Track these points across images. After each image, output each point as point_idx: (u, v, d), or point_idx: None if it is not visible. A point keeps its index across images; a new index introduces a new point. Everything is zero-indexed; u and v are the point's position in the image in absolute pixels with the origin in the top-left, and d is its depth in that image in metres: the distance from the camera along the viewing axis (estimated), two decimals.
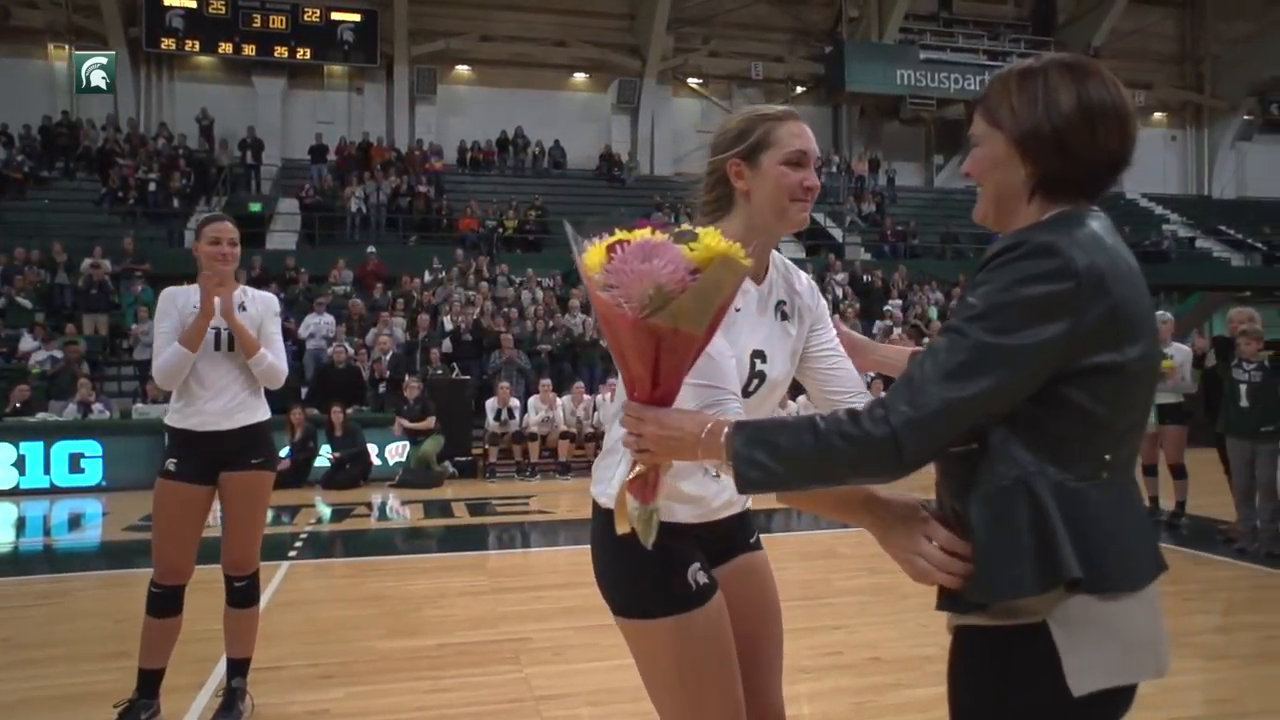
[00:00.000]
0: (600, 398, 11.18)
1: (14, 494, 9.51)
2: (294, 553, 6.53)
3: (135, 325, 12.25)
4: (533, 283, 14.79)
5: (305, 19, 19.55)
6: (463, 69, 21.17)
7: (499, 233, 17.17)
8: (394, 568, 6.24)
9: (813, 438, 1.17)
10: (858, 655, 4.03)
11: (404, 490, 9.73)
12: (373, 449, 10.47)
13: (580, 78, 21.83)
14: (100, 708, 3.23)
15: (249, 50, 19.44)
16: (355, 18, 19.83)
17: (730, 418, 1.31)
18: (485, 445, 10.99)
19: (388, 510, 8.81)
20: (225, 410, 3.13)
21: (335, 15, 19.73)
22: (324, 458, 10.23)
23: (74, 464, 9.83)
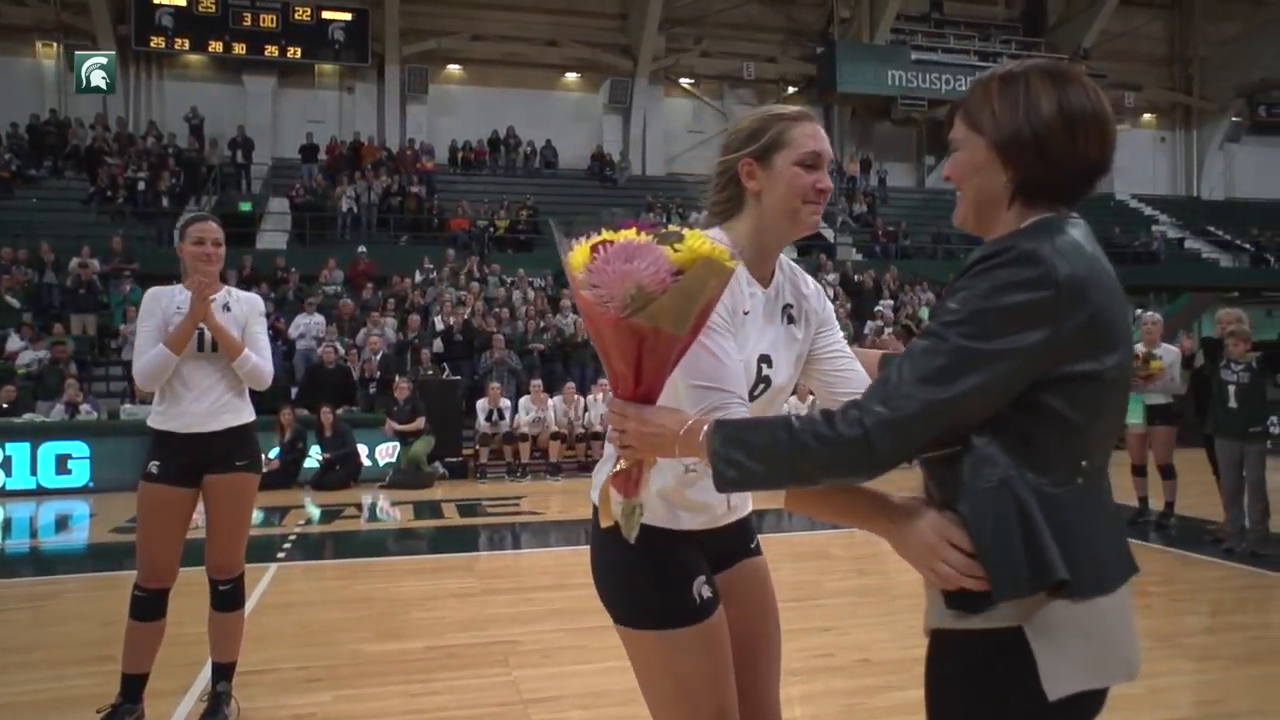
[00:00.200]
0: (591, 398, 11.16)
1: (0, 495, 9.43)
2: (282, 554, 6.49)
3: (124, 325, 12.18)
4: (524, 283, 14.76)
5: (296, 18, 19.46)
6: (454, 68, 21.12)
7: (490, 233, 17.13)
8: (383, 569, 6.21)
9: (788, 437, 1.18)
10: (848, 657, 4.03)
11: (394, 491, 9.69)
12: (363, 449, 10.43)
13: (572, 77, 21.81)
14: (84, 712, 3.20)
15: (239, 49, 19.34)
16: (346, 17, 19.75)
17: (710, 416, 1.31)
18: (476, 446, 10.95)
19: (377, 511, 8.77)
20: (209, 412, 3.10)
21: (326, 14, 19.64)
22: (314, 458, 10.19)
23: (61, 465, 9.76)
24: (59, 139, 17.66)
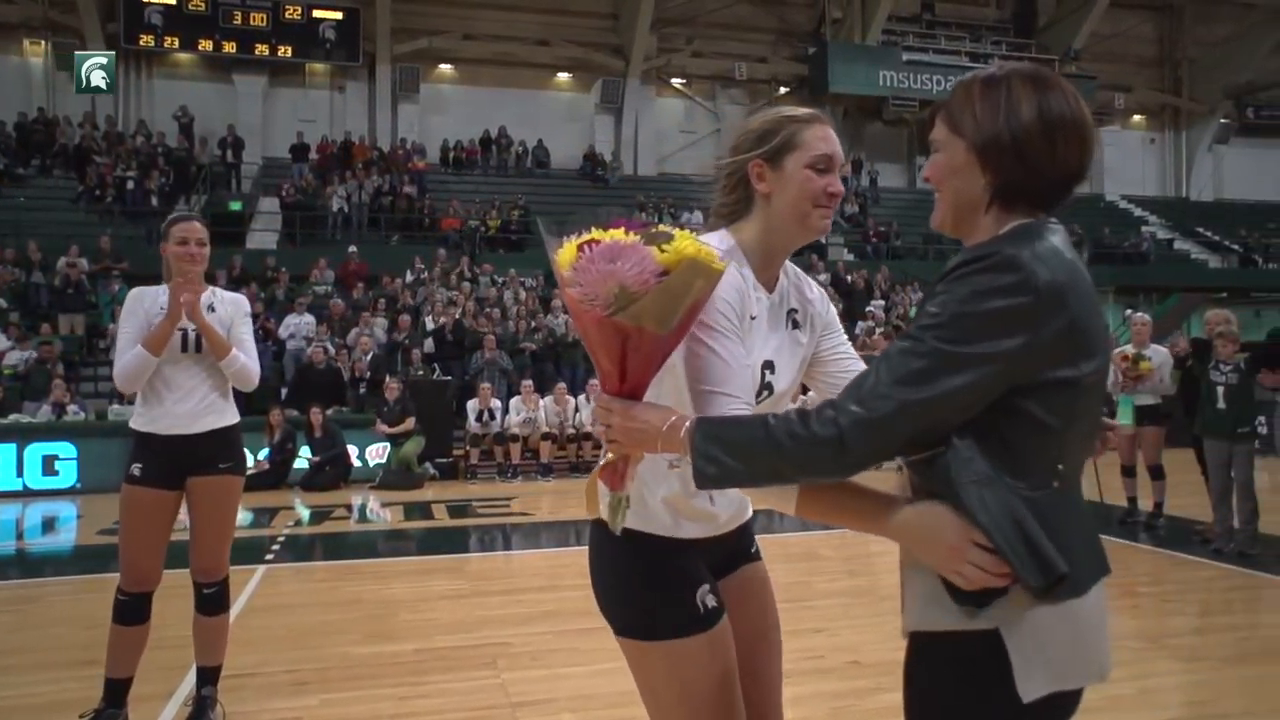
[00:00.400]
0: (583, 398, 11.14)
1: None
2: (271, 556, 6.45)
3: (112, 325, 12.06)
4: (515, 283, 14.73)
5: (286, 17, 19.36)
6: (445, 68, 21.06)
7: (481, 232, 17.09)
8: (373, 571, 6.18)
9: (764, 435, 1.19)
10: (838, 659, 4.02)
11: (384, 492, 9.65)
12: (353, 450, 10.39)
13: (564, 77, 21.78)
14: (68, 717, 3.17)
15: (229, 48, 19.24)
16: (337, 16, 19.67)
17: (692, 414, 1.32)
18: (466, 446, 10.93)
19: (367, 512, 8.74)
20: (193, 413, 3.06)
21: (317, 13, 19.55)
22: (303, 459, 10.14)
23: (48, 466, 9.69)
24: (47, 137, 17.53)
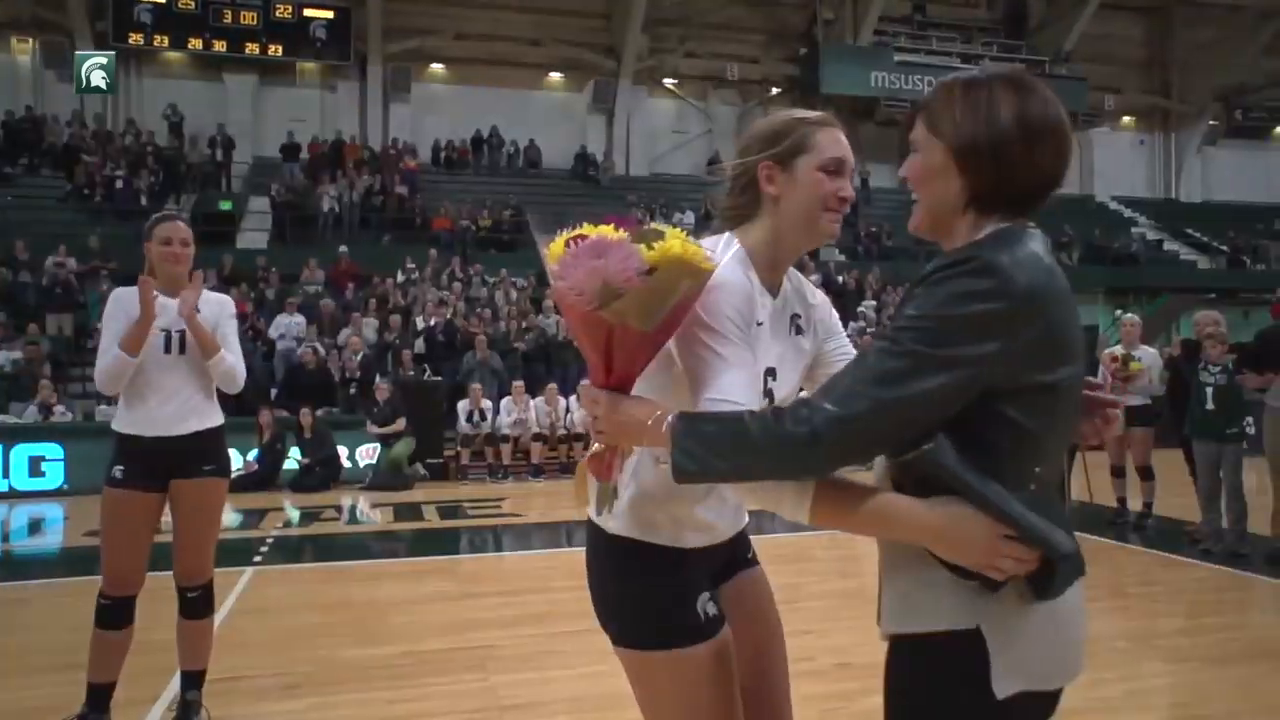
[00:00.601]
0: (574, 399, 11.12)
1: None
2: (259, 558, 6.41)
3: (100, 325, 12.00)
4: (506, 283, 14.70)
5: (277, 15, 19.26)
6: (437, 67, 21.00)
7: (473, 233, 17.05)
8: (362, 573, 6.15)
9: (741, 431, 1.20)
10: (828, 661, 4.01)
11: (374, 493, 9.61)
12: (343, 451, 10.34)
13: (556, 77, 21.74)
14: None
15: (219, 46, 19.13)
16: (328, 14, 19.58)
17: (676, 408, 1.34)
18: (457, 447, 10.89)
19: (358, 514, 8.70)
20: (176, 415, 3.02)
21: (308, 12, 19.45)
22: (293, 460, 10.09)
23: (34, 467, 9.62)
24: (35, 135, 17.42)
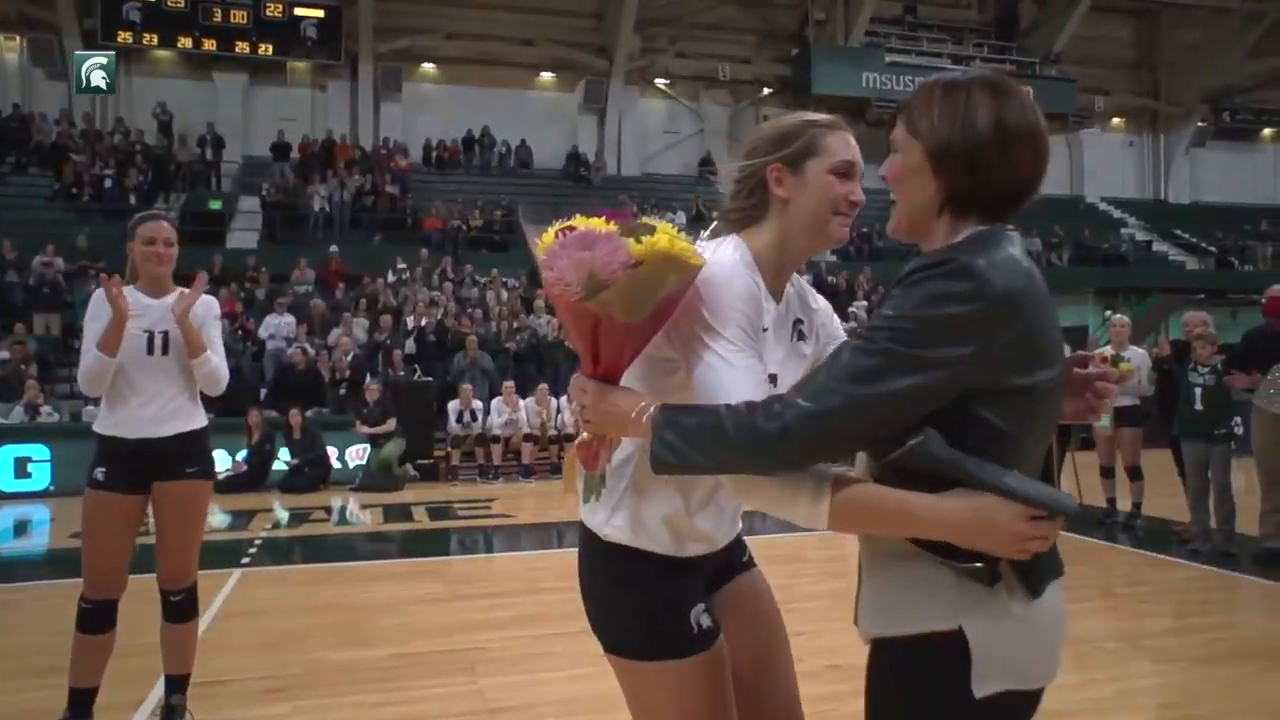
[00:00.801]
0: (564, 399, 11.09)
1: None
2: (247, 559, 6.38)
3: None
4: (497, 283, 14.66)
5: (267, 14, 19.17)
6: (428, 67, 20.94)
7: (464, 233, 17.01)
8: (351, 574, 6.11)
9: (717, 425, 1.21)
10: (817, 662, 4.00)
11: (364, 494, 9.57)
12: (333, 452, 10.29)
13: (547, 77, 21.71)
14: None
15: (209, 45, 19.02)
16: (319, 13, 19.50)
17: (658, 400, 1.35)
18: (447, 448, 10.85)
19: (347, 515, 8.66)
20: (158, 417, 2.99)
21: (298, 11, 19.37)
22: (282, 461, 10.04)
23: (20, 468, 9.55)
24: (22, 134, 17.30)
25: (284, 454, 10.02)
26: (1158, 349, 7.77)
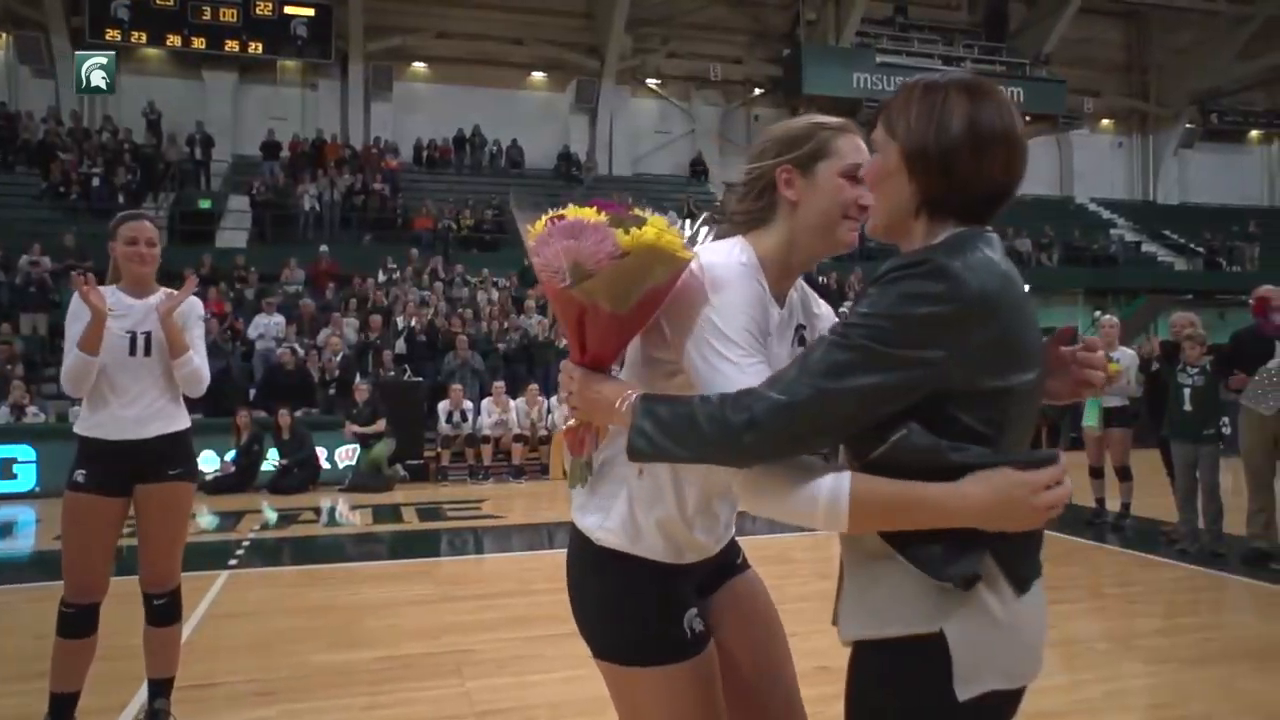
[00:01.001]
0: (554, 399, 11.07)
1: None
2: (234, 561, 6.33)
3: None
4: (488, 283, 14.62)
5: (257, 12, 19.06)
6: (419, 66, 20.88)
7: (455, 232, 16.96)
8: (339, 576, 6.08)
9: (690, 416, 1.23)
10: (807, 664, 3.94)
11: (353, 494, 9.52)
12: (322, 452, 10.24)
13: (538, 76, 21.67)
14: None
15: (198, 43, 18.90)
16: (309, 12, 19.40)
17: (641, 389, 1.37)
18: (437, 448, 10.81)
19: (336, 516, 8.61)
20: (139, 418, 2.95)
21: (289, 9, 19.26)
22: (271, 462, 9.98)
23: (5, 469, 9.46)
24: (9, 132, 17.16)
25: (273, 454, 9.96)
26: (1150, 347, 7.77)
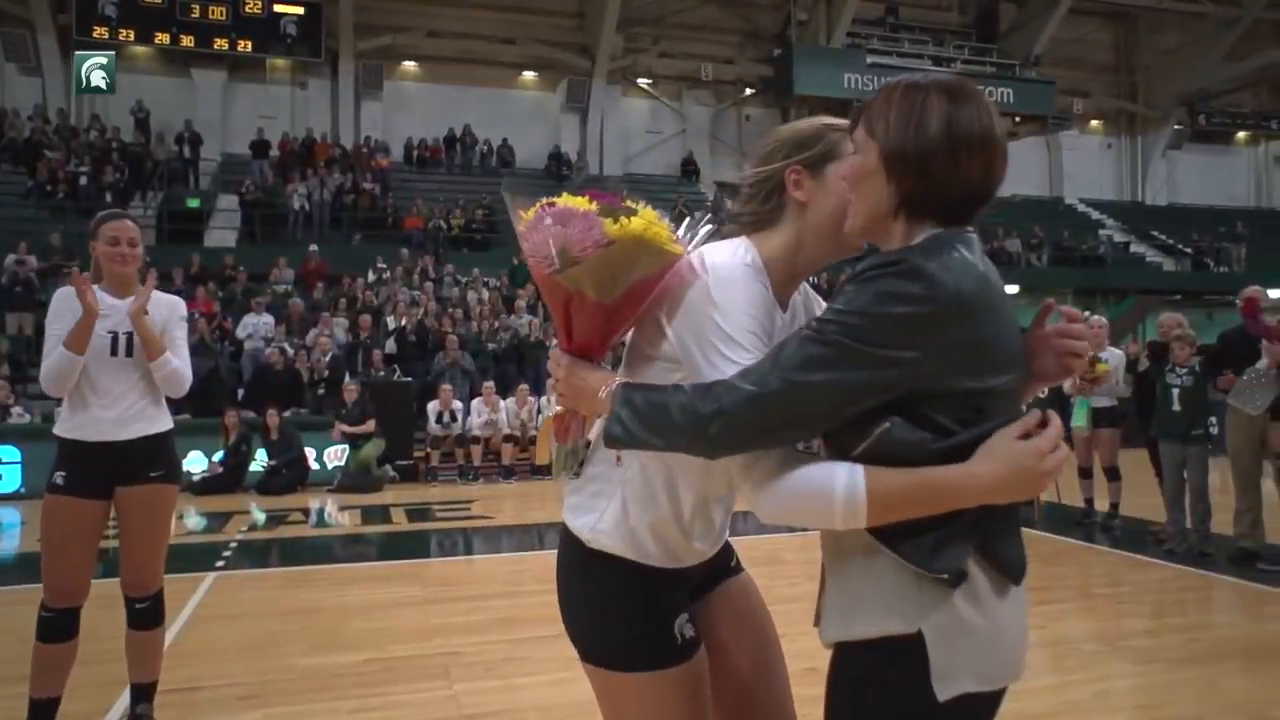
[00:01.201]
0: (545, 400, 11.04)
1: None
2: (221, 563, 6.29)
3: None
4: (478, 283, 14.58)
5: (246, 10, 18.98)
6: (409, 65, 20.82)
7: (445, 232, 16.91)
8: (327, 577, 6.03)
9: (663, 404, 1.25)
10: (796, 665, 3.93)
11: (342, 495, 9.48)
12: (311, 453, 10.19)
13: (529, 76, 21.64)
14: None
15: (187, 41, 18.80)
16: (299, 10, 19.33)
17: (623, 378, 1.40)
18: (427, 448, 10.77)
19: (325, 516, 8.56)
20: (120, 420, 2.91)
21: (278, 7, 19.18)
22: (259, 463, 9.92)
23: None
24: None
25: (261, 455, 9.91)
26: (1135, 347, 7.81)
